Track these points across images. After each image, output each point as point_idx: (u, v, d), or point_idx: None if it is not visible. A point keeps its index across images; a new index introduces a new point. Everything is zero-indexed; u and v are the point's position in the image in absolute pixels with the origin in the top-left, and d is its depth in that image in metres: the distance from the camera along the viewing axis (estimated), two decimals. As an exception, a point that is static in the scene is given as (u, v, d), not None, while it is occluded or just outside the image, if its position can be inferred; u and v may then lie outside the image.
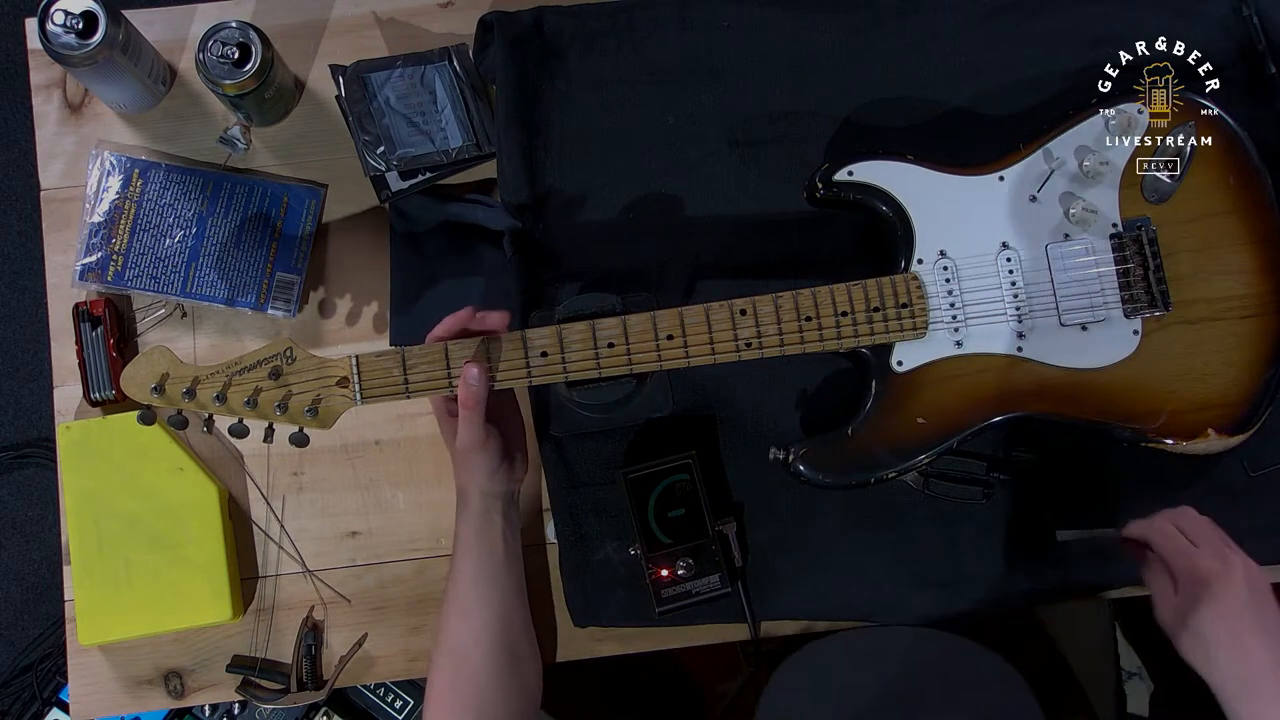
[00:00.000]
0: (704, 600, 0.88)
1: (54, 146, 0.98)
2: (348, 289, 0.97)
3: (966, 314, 0.85)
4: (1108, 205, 0.86)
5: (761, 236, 0.94)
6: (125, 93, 0.94)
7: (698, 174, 0.95)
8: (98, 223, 0.95)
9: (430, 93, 0.95)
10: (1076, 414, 0.85)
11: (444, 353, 0.78)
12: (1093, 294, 0.85)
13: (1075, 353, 0.85)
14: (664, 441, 0.91)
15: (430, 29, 0.99)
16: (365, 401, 0.77)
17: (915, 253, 0.85)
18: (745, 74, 0.96)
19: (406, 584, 0.94)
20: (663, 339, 0.80)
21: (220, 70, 0.88)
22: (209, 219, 0.96)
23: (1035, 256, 0.86)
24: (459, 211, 0.95)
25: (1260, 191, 0.88)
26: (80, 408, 0.95)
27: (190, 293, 0.95)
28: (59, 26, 0.86)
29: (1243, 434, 0.85)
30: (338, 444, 0.95)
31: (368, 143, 0.93)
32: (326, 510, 0.95)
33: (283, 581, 0.94)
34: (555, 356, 0.80)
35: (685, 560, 0.87)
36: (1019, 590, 0.92)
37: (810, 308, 0.82)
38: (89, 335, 0.93)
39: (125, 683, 0.93)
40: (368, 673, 0.94)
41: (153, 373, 0.75)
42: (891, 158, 0.87)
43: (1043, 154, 0.87)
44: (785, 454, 0.85)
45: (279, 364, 0.76)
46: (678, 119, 0.96)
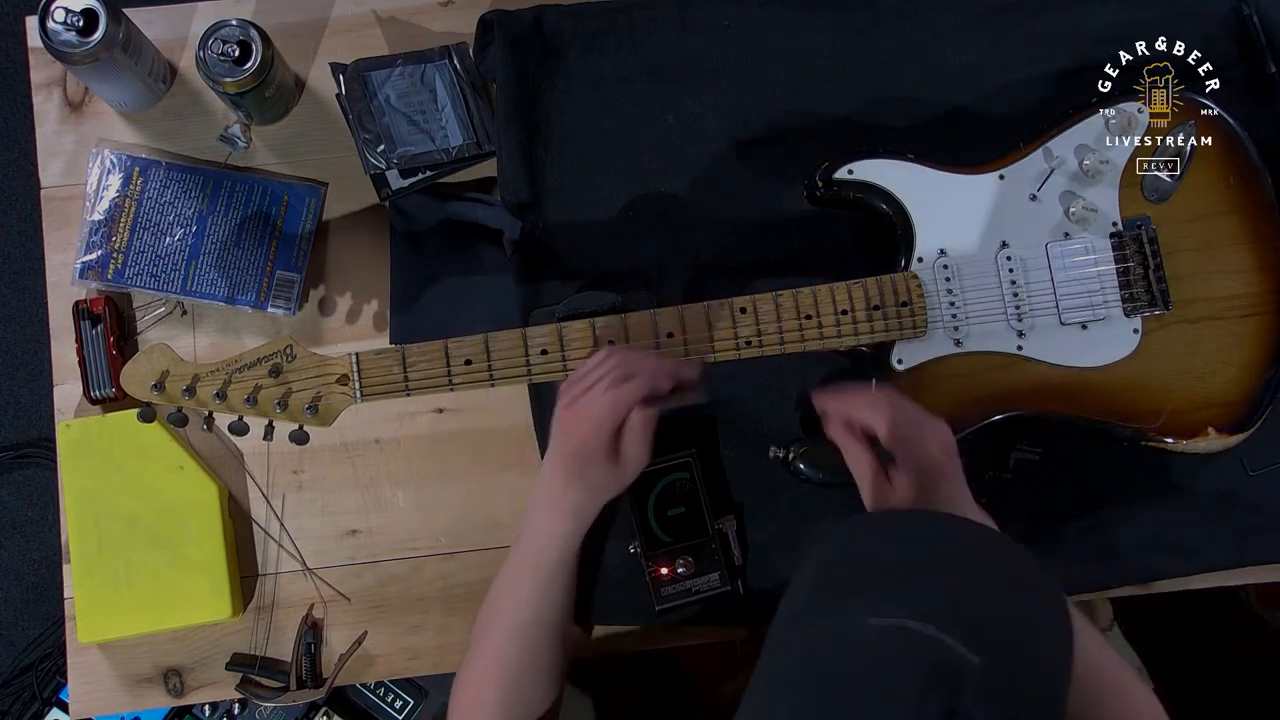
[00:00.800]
0: (703, 599, 0.88)
1: (54, 145, 0.98)
2: (348, 287, 0.97)
3: (966, 313, 0.85)
4: (1108, 204, 0.86)
5: (761, 236, 0.94)
6: (125, 91, 0.94)
7: (698, 174, 0.95)
8: (98, 221, 0.95)
9: (430, 91, 0.95)
10: (1076, 413, 0.85)
11: (444, 351, 0.78)
12: (1092, 293, 0.85)
13: (1075, 352, 0.85)
14: (664, 441, 0.91)
15: (430, 28, 1.00)
16: (365, 399, 0.77)
17: (915, 251, 0.85)
18: (745, 74, 0.96)
19: (406, 583, 0.94)
20: (663, 337, 0.80)
21: (220, 68, 0.88)
22: (209, 217, 0.96)
23: (1035, 255, 0.86)
24: (459, 210, 0.95)
25: (1260, 191, 0.88)
26: (80, 406, 0.95)
27: (190, 291, 0.95)
28: (59, 24, 0.86)
29: (1243, 433, 0.85)
30: (338, 442, 0.95)
31: (368, 141, 0.93)
32: (326, 509, 0.95)
33: (282, 580, 0.94)
34: (555, 355, 0.80)
35: (685, 559, 0.87)
36: None
37: (810, 306, 0.82)
38: (89, 333, 0.93)
39: (125, 681, 0.93)
40: (367, 671, 0.94)
41: (153, 370, 0.75)
42: (892, 156, 0.87)
43: (1043, 153, 0.87)
44: (785, 453, 0.85)
45: (279, 362, 0.76)
46: (678, 119, 0.96)
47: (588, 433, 0.75)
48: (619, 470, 0.77)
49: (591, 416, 0.75)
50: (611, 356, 0.77)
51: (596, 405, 0.75)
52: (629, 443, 0.76)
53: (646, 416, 0.76)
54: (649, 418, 0.76)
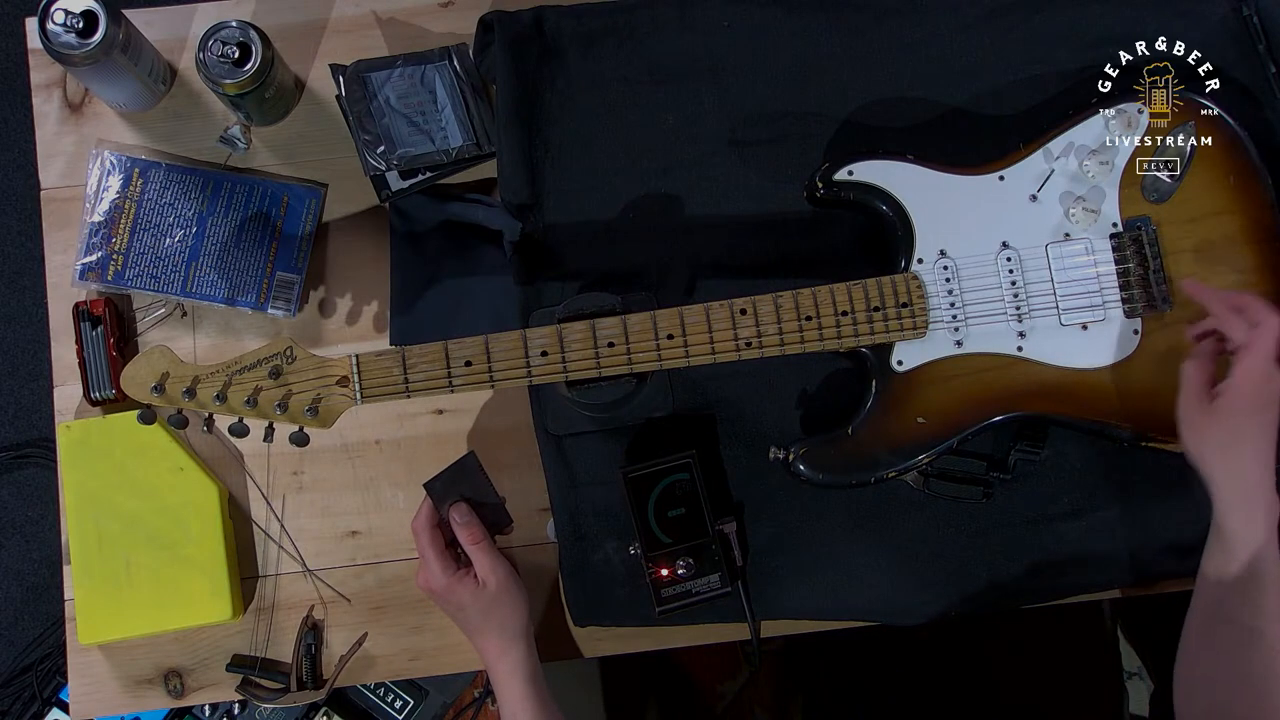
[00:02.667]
0: (704, 600, 0.88)
1: (54, 146, 0.98)
2: (348, 288, 0.97)
3: (966, 314, 0.85)
4: (1108, 205, 0.86)
5: (761, 236, 0.94)
6: (125, 92, 0.94)
7: (698, 174, 0.95)
8: (98, 222, 0.95)
9: (430, 92, 0.95)
10: (1076, 414, 0.85)
11: (444, 352, 0.78)
12: (1093, 294, 0.85)
13: (1075, 352, 0.85)
14: (664, 441, 0.91)
15: (430, 29, 1.00)
16: (365, 401, 0.77)
17: (915, 252, 0.85)
18: (745, 74, 0.96)
19: (406, 583, 0.94)
20: (663, 338, 0.80)
21: (220, 70, 0.88)
22: (209, 218, 0.96)
23: (1035, 256, 0.86)
24: (459, 211, 0.95)
25: (1260, 191, 0.88)
26: (80, 407, 0.95)
27: (190, 292, 0.95)
28: (59, 26, 0.86)
29: (1243, 434, 0.85)
30: (338, 443, 0.95)
31: (368, 142, 0.93)
32: (326, 510, 0.95)
33: (283, 581, 0.94)
34: (555, 356, 0.80)
35: (685, 560, 0.87)
36: (1019, 590, 0.91)
37: (810, 307, 0.82)
38: (89, 335, 0.93)
39: (125, 682, 0.93)
40: (367, 672, 0.94)
41: (153, 372, 0.75)
42: (892, 157, 0.87)
43: (1043, 154, 0.87)
44: (785, 454, 0.85)
45: (279, 363, 0.76)
46: (678, 119, 0.96)
47: (428, 583, 0.84)
48: (489, 591, 0.83)
49: (424, 574, 0.84)
50: None
51: (423, 564, 0.84)
52: (477, 564, 0.84)
53: (470, 535, 0.84)
54: (473, 535, 0.84)
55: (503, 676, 0.83)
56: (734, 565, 0.89)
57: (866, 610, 0.92)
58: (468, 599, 0.82)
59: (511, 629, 0.84)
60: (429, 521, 0.84)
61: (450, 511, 0.84)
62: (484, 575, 0.83)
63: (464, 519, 0.84)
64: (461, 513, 0.84)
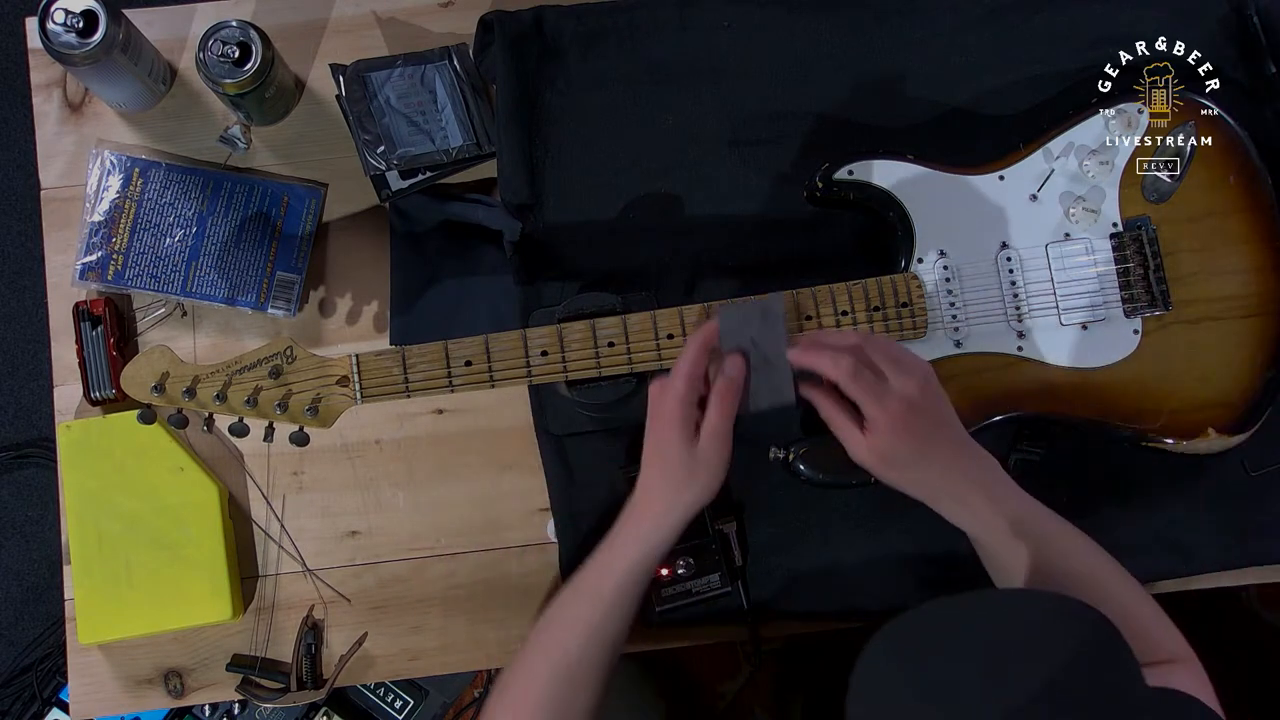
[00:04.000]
0: (704, 600, 0.88)
1: (54, 146, 0.98)
2: (348, 288, 0.97)
3: (966, 314, 0.85)
4: (1108, 205, 0.86)
5: (761, 236, 0.94)
6: (125, 92, 0.95)
7: (698, 174, 0.95)
8: (98, 222, 0.95)
9: (430, 92, 0.95)
10: (1076, 414, 0.85)
11: (444, 352, 0.78)
12: (1093, 294, 0.85)
13: (1075, 352, 0.85)
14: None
15: (430, 28, 1.00)
16: (365, 400, 0.78)
17: (915, 252, 0.85)
18: (745, 74, 0.96)
19: (406, 584, 0.94)
20: (663, 338, 0.80)
21: (220, 69, 0.88)
22: (209, 218, 0.96)
23: (1035, 256, 0.86)
24: (459, 211, 0.95)
25: (1260, 191, 0.88)
26: (80, 407, 0.95)
27: (190, 292, 0.95)
28: (59, 26, 0.86)
29: (1243, 433, 0.85)
30: (338, 443, 0.95)
31: (368, 142, 0.93)
32: (326, 510, 0.95)
33: (283, 581, 0.94)
34: (555, 356, 0.80)
35: (685, 560, 0.87)
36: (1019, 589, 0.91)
37: (810, 307, 0.82)
38: (89, 334, 0.93)
39: (125, 682, 0.93)
40: (367, 672, 0.94)
41: (153, 372, 0.75)
42: (891, 157, 0.87)
43: (1043, 154, 0.87)
44: (785, 454, 0.85)
45: (279, 363, 0.76)
46: (678, 119, 0.96)
47: (655, 426, 0.75)
48: (696, 472, 0.74)
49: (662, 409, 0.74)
50: (693, 340, 0.74)
51: (667, 390, 0.73)
52: (705, 444, 0.73)
53: (721, 408, 0.73)
54: (723, 409, 0.73)
55: (634, 536, 0.76)
56: (734, 565, 0.89)
57: (866, 610, 0.92)
58: (677, 442, 0.73)
59: (682, 505, 0.75)
60: (704, 344, 0.74)
61: (725, 360, 0.73)
62: (705, 441, 0.73)
63: (730, 378, 0.72)
64: (735, 368, 0.72)
